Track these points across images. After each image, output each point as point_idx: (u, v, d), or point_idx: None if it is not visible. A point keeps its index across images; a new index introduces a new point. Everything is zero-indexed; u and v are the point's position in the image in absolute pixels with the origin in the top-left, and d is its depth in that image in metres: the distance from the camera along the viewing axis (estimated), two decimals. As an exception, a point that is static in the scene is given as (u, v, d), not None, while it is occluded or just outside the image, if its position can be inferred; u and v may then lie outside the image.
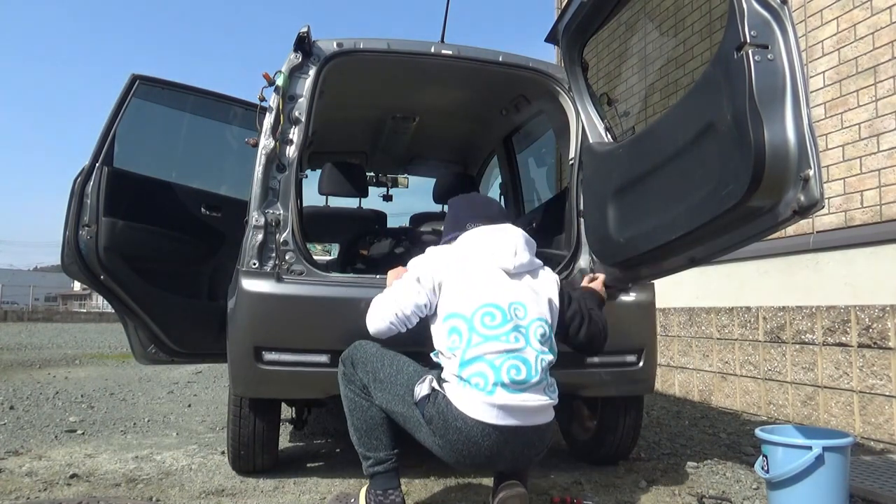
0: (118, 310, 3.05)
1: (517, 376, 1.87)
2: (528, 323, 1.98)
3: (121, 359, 8.37)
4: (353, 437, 2.09)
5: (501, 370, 1.86)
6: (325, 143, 4.09)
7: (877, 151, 3.65)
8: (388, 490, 2.01)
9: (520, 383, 1.87)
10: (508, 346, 1.89)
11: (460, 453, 1.89)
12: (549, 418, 1.96)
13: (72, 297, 56.71)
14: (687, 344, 4.93)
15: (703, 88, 2.02)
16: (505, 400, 1.85)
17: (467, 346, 1.91)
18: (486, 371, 1.86)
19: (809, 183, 1.68)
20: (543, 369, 1.93)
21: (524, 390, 1.88)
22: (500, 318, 1.93)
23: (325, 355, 2.30)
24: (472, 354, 1.89)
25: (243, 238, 2.44)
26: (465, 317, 1.95)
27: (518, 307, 1.99)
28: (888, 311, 3.38)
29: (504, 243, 2.09)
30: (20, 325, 20.38)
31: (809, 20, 4.11)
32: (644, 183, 2.29)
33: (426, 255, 2.14)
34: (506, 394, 1.85)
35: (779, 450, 2.07)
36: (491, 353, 1.88)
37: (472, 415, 1.84)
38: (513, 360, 1.88)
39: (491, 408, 1.84)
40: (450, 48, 2.77)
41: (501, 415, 1.85)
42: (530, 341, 1.95)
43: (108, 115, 2.98)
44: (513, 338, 1.91)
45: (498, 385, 1.85)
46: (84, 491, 2.40)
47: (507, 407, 1.85)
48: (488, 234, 2.13)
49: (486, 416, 1.84)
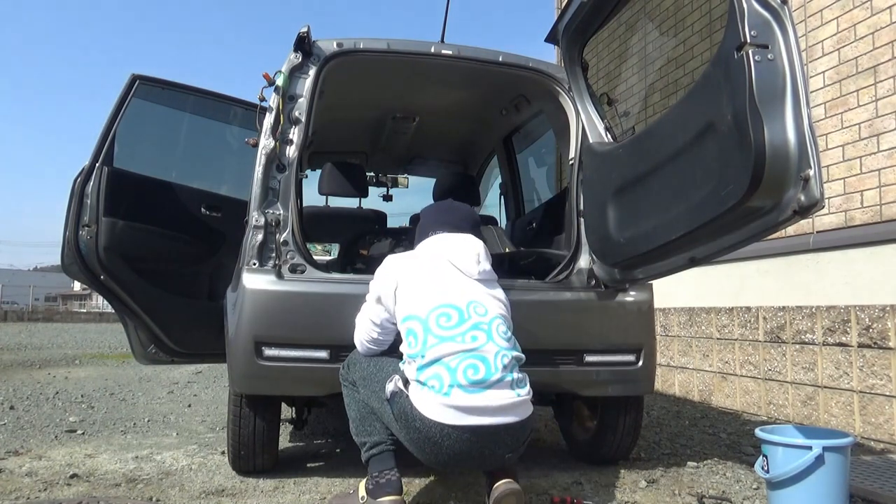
0: (118, 310, 3.05)
1: (475, 376, 1.87)
2: (489, 320, 1.99)
3: (121, 359, 8.37)
4: (351, 428, 2.16)
5: (457, 371, 1.87)
6: (325, 143, 4.09)
7: (877, 151, 3.65)
8: (383, 471, 2.03)
9: (478, 382, 1.87)
10: (465, 347, 1.90)
11: (424, 451, 1.92)
12: (520, 416, 1.93)
13: (72, 297, 56.73)
14: (687, 344, 4.93)
15: (703, 88, 2.02)
16: (462, 401, 1.85)
17: (423, 348, 1.93)
18: (442, 373, 1.88)
19: (809, 183, 1.68)
20: (506, 366, 1.92)
21: (484, 389, 1.87)
22: (457, 318, 1.96)
23: (324, 351, 2.32)
24: (428, 358, 1.91)
25: (243, 238, 2.45)
26: (420, 318, 1.97)
27: (478, 305, 2.01)
28: (888, 311, 3.38)
29: (466, 251, 2.13)
30: (20, 325, 20.39)
31: (809, 20, 4.11)
32: (644, 183, 2.29)
33: (383, 265, 2.18)
34: (463, 394, 1.85)
35: (779, 450, 2.07)
36: (447, 355, 1.89)
37: (429, 416, 1.85)
38: (470, 359, 1.89)
39: (447, 409, 1.85)
40: (450, 48, 2.77)
41: (459, 415, 1.85)
42: (493, 337, 1.95)
43: (108, 115, 2.98)
44: (469, 337, 1.92)
45: (454, 387, 1.86)
46: (84, 491, 2.40)
47: (465, 407, 1.85)
48: (449, 240, 2.17)
49: (442, 417, 1.85)
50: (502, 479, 1.94)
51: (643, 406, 2.84)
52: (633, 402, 2.75)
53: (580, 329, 2.59)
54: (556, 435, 3.23)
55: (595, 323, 2.62)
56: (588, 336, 2.59)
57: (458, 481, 2.52)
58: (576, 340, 2.56)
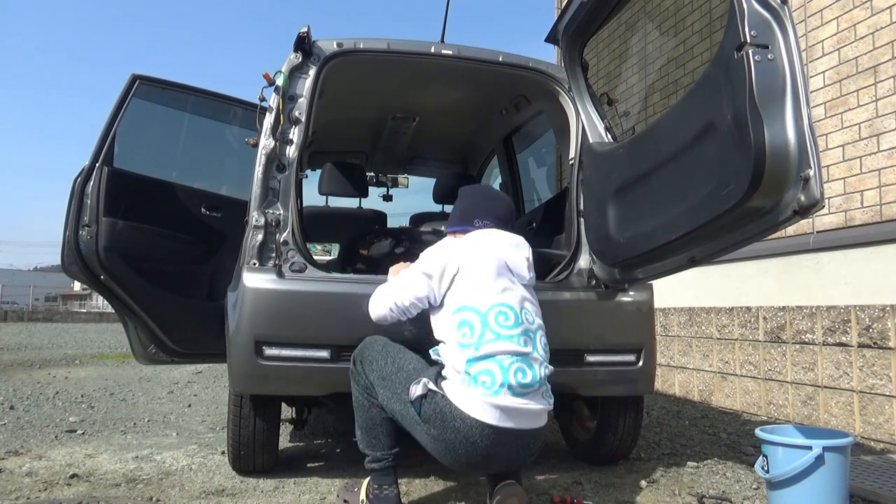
0: (118, 310, 3.05)
1: (523, 379, 1.89)
2: (535, 329, 2.02)
3: (121, 359, 8.37)
4: (357, 433, 2.17)
5: (509, 371, 1.88)
6: (325, 143, 4.09)
7: (877, 151, 3.65)
8: (382, 486, 2.08)
9: (525, 387, 1.90)
10: (519, 349, 1.92)
11: (456, 453, 1.90)
12: (545, 422, 2.00)
13: (72, 297, 56.71)
14: (687, 344, 4.93)
15: (703, 88, 2.02)
16: (508, 402, 1.87)
17: (479, 342, 1.91)
18: (495, 370, 1.87)
19: (809, 183, 1.68)
20: (543, 376, 1.97)
21: (527, 394, 1.91)
22: (514, 320, 1.96)
23: (325, 350, 2.31)
24: (483, 351, 1.89)
25: (243, 238, 2.44)
26: (480, 311, 1.95)
27: (527, 312, 2.03)
28: (888, 310, 3.38)
29: (520, 254, 2.13)
30: (20, 325, 20.39)
31: (809, 20, 4.11)
32: (644, 183, 2.29)
33: (439, 246, 2.14)
34: (510, 396, 1.87)
35: (779, 450, 2.07)
36: (502, 353, 1.89)
37: (472, 414, 1.85)
38: (521, 362, 1.91)
39: (493, 408, 1.86)
40: (450, 48, 2.77)
41: (502, 416, 1.86)
42: (537, 347, 1.99)
43: (109, 115, 2.98)
44: (523, 341, 1.94)
45: (504, 386, 1.86)
46: (84, 491, 2.40)
47: (509, 409, 1.87)
48: (503, 239, 2.14)
49: (486, 416, 1.85)
50: (505, 481, 1.95)
51: (643, 406, 2.84)
52: (633, 402, 2.75)
53: (581, 329, 2.59)
54: (556, 435, 3.23)
55: (595, 323, 2.62)
56: (588, 336, 2.59)
57: (458, 481, 2.53)
58: (576, 341, 2.56)
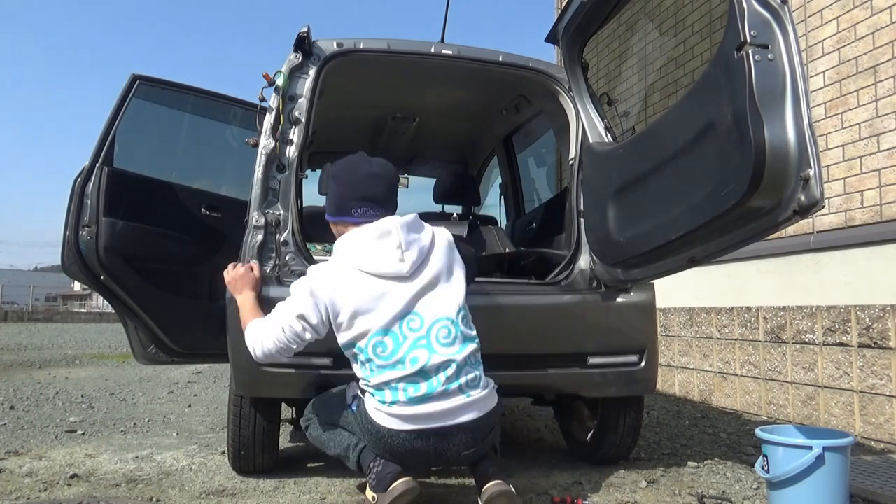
0: (118, 310, 3.04)
1: (415, 394, 1.94)
2: (426, 331, 1.97)
3: (121, 359, 8.37)
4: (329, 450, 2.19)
5: (398, 391, 1.95)
6: (325, 143, 4.09)
7: (877, 151, 3.65)
8: (376, 457, 2.03)
9: (420, 398, 1.93)
10: (405, 372, 1.94)
11: (382, 450, 1.99)
12: (476, 413, 1.97)
13: (72, 298, 56.72)
14: (687, 344, 4.93)
15: (703, 88, 2.02)
16: (405, 411, 1.94)
17: (370, 375, 1.99)
18: (387, 393, 1.96)
19: (809, 183, 1.68)
20: (450, 376, 1.95)
21: (427, 401, 1.93)
22: (392, 345, 1.96)
23: (327, 358, 2.30)
24: (374, 383, 1.98)
25: (243, 238, 2.44)
26: (362, 348, 1.99)
27: (412, 318, 1.97)
28: (888, 310, 3.38)
29: (385, 247, 1.99)
30: (20, 326, 20.39)
31: (809, 20, 4.11)
32: (644, 183, 2.29)
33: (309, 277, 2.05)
34: (406, 407, 1.94)
35: (779, 450, 2.07)
36: (392, 381, 1.95)
37: (378, 421, 1.95)
38: (410, 380, 1.94)
39: (391, 417, 1.95)
40: (450, 48, 2.77)
41: (402, 423, 1.94)
42: (434, 349, 1.95)
43: (109, 115, 2.98)
44: (409, 360, 1.94)
45: (395, 403, 1.94)
46: (84, 491, 2.40)
47: (408, 416, 1.94)
48: (367, 242, 2.02)
49: (390, 423, 1.95)
50: (490, 482, 1.94)
51: (643, 406, 2.84)
52: (634, 402, 2.75)
53: (584, 332, 2.58)
54: (556, 435, 3.23)
55: (598, 325, 2.60)
56: (592, 339, 2.58)
57: (458, 481, 2.53)
58: (580, 344, 2.55)
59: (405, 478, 1.93)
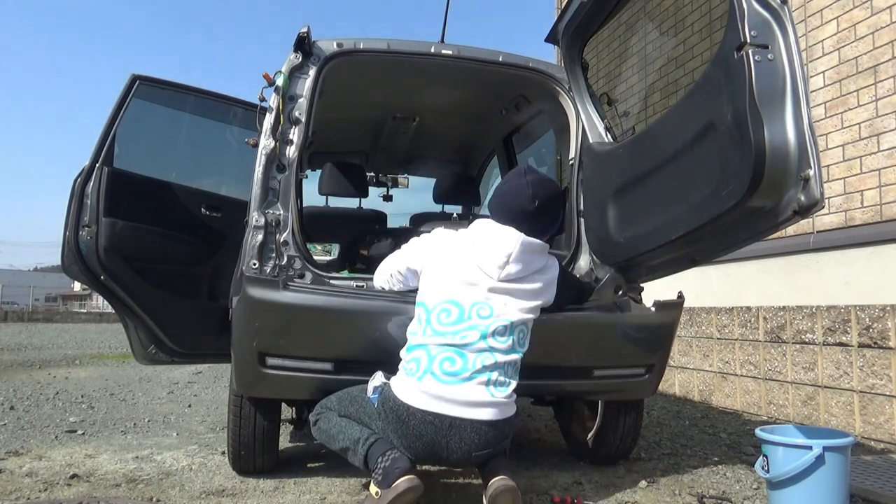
0: (118, 310, 3.05)
1: (450, 368, 1.97)
2: (489, 323, 2.03)
3: (121, 359, 8.37)
4: (341, 444, 2.16)
5: (435, 360, 1.99)
6: (325, 143, 4.09)
7: (877, 151, 3.65)
8: (386, 452, 2.00)
9: (452, 374, 1.97)
10: (452, 341, 2.00)
11: (398, 433, 2.00)
12: (491, 416, 1.98)
13: (72, 298, 56.71)
14: (687, 344, 4.93)
15: (703, 88, 2.02)
16: (432, 388, 1.96)
17: (421, 336, 2.05)
18: (422, 357, 2.00)
19: (809, 183, 1.68)
20: (487, 366, 1.99)
21: (457, 382, 1.96)
22: (456, 316, 2.03)
23: (329, 363, 2.29)
24: (416, 342, 2.04)
25: (243, 238, 2.44)
26: (427, 308, 2.08)
27: (483, 307, 2.05)
28: (888, 310, 3.38)
29: (497, 251, 2.09)
30: (20, 326, 20.39)
31: (809, 20, 4.11)
32: (644, 183, 2.29)
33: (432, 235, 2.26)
34: (434, 382, 1.96)
35: (779, 450, 2.07)
36: (433, 345, 2.00)
37: (402, 398, 1.97)
38: (450, 352, 1.99)
39: (418, 393, 1.97)
40: (450, 48, 2.77)
41: (427, 400, 1.95)
42: (485, 338, 2.01)
43: (108, 116, 2.98)
44: (460, 336, 2.00)
45: (427, 373, 1.97)
46: (84, 491, 2.40)
47: (434, 394, 1.95)
48: (487, 235, 2.16)
49: (412, 399, 1.96)
50: (496, 477, 1.96)
51: (643, 406, 2.84)
52: (634, 402, 2.75)
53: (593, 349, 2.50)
54: (556, 435, 3.23)
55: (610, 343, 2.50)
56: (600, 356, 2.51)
57: (458, 481, 2.53)
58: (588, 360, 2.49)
59: (410, 475, 1.94)
